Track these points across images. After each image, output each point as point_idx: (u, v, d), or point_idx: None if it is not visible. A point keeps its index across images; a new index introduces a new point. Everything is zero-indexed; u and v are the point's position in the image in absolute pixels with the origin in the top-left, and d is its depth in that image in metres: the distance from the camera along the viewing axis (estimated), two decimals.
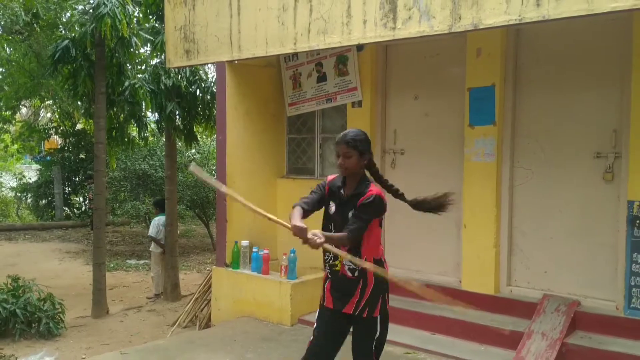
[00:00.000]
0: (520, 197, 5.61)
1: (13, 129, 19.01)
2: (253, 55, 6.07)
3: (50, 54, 7.33)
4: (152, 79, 7.83)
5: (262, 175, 6.99)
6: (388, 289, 3.47)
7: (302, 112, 6.94)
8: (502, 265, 5.66)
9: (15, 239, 14.06)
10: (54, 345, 6.21)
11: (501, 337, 5.10)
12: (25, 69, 13.44)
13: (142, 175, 11.94)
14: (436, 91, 6.13)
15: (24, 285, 6.68)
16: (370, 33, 5.16)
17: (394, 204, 6.28)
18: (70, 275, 9.94)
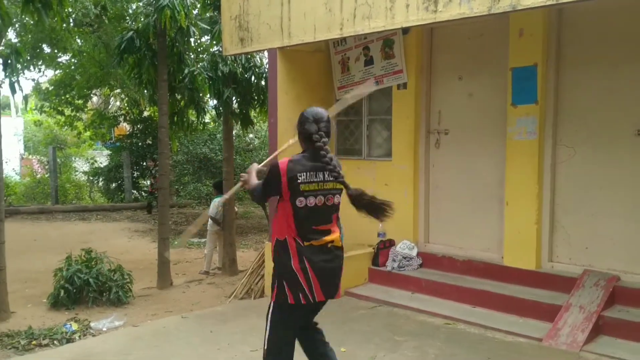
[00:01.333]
0: (562, 175, 5.70)
1: (85, 117, 20.16)
2: (302, 41, 6.36)
3: (117, 44, 7.89)
4: (210, 67, 8.27)
5: None
6: (286, 276, 3.16)
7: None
8: (543, 241, 5.78)
9: (88, 219, 15.06)
10: (123, 312, 6.79)
11: (539, 309, 5.26)
12: (95, 59, 14.31)
13: (203, 159, 12.53)
14: (480, 71, 6.26)
15: (96, 257, 7.30)
16: (412, 17, 5.34)
17: (440, 183, 6.52)
18: (138, 251, 10.65)
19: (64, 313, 6.75)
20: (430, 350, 4.76)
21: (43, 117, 21.12)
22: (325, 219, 3.22)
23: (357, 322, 5.49)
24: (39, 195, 18.36)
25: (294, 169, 3.12)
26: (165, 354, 4.75)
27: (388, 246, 6.60)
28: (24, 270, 8.86)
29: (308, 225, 3.15)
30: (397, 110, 6.77)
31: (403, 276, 6.31)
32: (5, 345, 5.66)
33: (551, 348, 4.75)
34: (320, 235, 3.18)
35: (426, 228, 6.74)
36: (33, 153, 24.59)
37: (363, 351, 4.73)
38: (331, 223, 3.25)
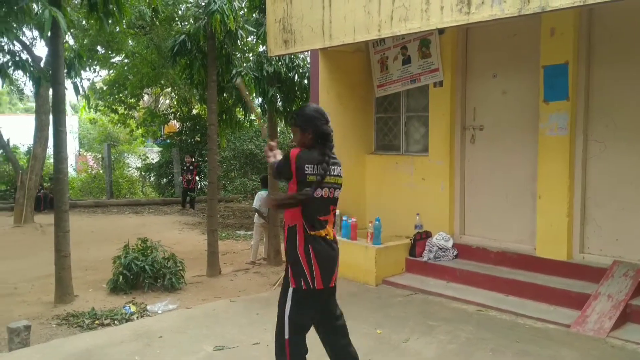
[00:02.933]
0: (593, 169, 5.88)
1: (137, 115, 21.07)
2: (342, 42, 6.70)
3: (170, 47, 8.42)
4: (256, 67, 8.72)
5: (352, 151, 7.69)
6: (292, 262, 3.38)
7: (389, 93, 7.53)
8: (574, 233, 5.97)
9: (141, 212, 15.84)
10: (176, 297, 7.31)
11: (569, 298, 5.48)
12: (148, 60, 15.03)
13: (249, 155, 13.05)
14: (513, 69, 6.47)
15: (151, 246, 7.86)
16: (446, 18, 5.62)
17: (475, 177, 6.77)
18: (189, 242, 11.24)
19: (122, 297, 7.32)
20: (461, 334, 5.05)
21: (97, 116, 22.14)
22: (326, 211, 3.40)
23: (393, 308, 5.82)
24: (95, 190, 19.35)
25: (303, 159, 3.29)
26: (216, 333, 5.20)
27: (424, 237, 6.89)
28: (84, 259, 9.54)
29: (314, 215, 3.33)
30: (433, 108, 7.05)
31: (438, 266, 6.60)
32: (72, 324, 6.24)
33: (578, 334, 4.97)
34: (321, 226, 3.36)
35: (462, 220, 7.00)
36: (88, 150, 25.79)
37: (397, 334, 5.06)
38: (329, 215, 3.41)
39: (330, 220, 3.46)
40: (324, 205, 3.39)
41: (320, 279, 3.33)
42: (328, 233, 3.40)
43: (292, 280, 3.34)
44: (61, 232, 6.99)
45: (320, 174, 3.30)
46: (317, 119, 3.42)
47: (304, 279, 3.31)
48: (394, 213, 7.34)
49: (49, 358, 4.62)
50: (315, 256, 3.31)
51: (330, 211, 3.44)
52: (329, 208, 3.42)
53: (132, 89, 16.62)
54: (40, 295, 7.42)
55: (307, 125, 3.39)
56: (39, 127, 12.97)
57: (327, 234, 3.39)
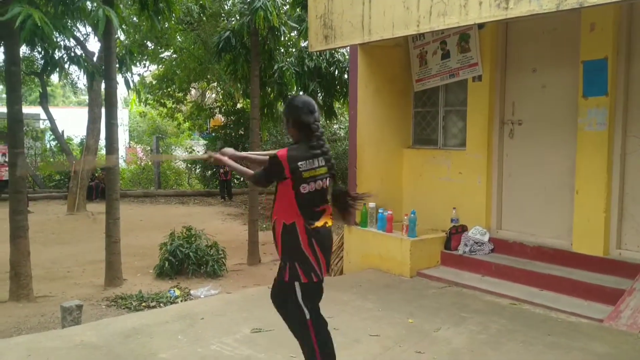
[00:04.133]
0: (631, 165, 5.83)
1: (184, 108, 21.64)
2: (381, 37, 6.81)
3: (215, 43, 8.72)
4: (297, 62, 8.94)
5: (390, 145, 7.81)
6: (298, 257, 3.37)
7: (427, 87, 7.60)
8: (612, 229, 5.94)
9: (186, 202, 16.36)
10: (218, 283, 7.63)
11: (604, 293, 5.47)
12: (195, 55, 15.46)
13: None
14: (553, 64, 6.46)
15: (195, 234, 8.20)
16: (485, 13, 5.66)
17: (512, 172, 6.79)
18: (231, 232, 11.60)
19: (168, 282, 7.69)
20: (493, 325, 5.13)
21: (147, 109, 22.85)
22: (323, 200, 3.44)
23: (427, 299, 5.94)
24: (144, 181, 20.02)
25: (295, 158, 3.31)
26: (254, 316, 5.44)
27: (460, 231, 6.96)
28: (132, 246, 10.00)
29: (310, 208, 3.36)
30: (472, 102, 7.10)
31: (474, 260, 6.66)
32: (120, 305, 6.63)
33: (611, 328, 4.98)
34: (320, 216, 3.40)
35: (498, 215, 7.03)
36: (137, 142, 26.62)
37: (429, 324, 5.18)
38: (327, 203, 3.46)
39: (328, 208, 3.47)
40: (319, 196, 3.43)
41: (325, 268, 3.46)
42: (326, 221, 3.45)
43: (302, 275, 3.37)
44: (112, 219, 7.39)
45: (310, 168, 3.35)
46: (300, 109, 3.42)
47: (314, 273, 3.40)
48: (430, 207, 7.42)
49: (98, 334, 4.95)
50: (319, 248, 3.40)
51: (327, 200, 3.49)
52: (325, 197, 3.48)
53: (180, 84, 17.13)
54: (91, 278, 7.87)
55: (289, 117, 3.44)
56: (92, 120, 13.56)
57: (325, 222, 3.43)
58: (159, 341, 4.82)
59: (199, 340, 4.82)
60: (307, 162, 3.36)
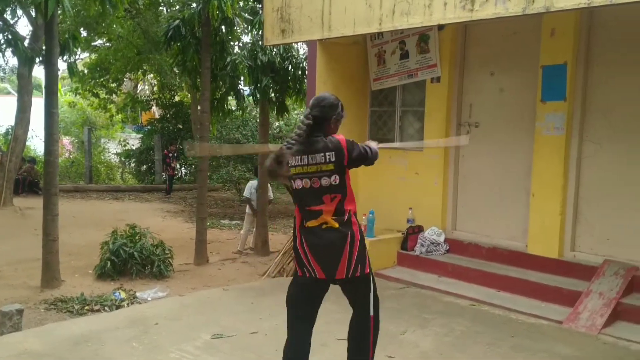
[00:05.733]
0: (587, 169, 5.98)
1: (117, 99, 20.74)
2: (342, 34, 6.67)
3: (164, 31, 8.30)
4: (250, 56, 8.66)
5: None
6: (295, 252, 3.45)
7: (385, 87, 7.54)
8: (566, 232, 6.08)
9: (121, 198, 15.63)
10: (165, 284, 7.25)
11: (561, 295, 5.58)
12: (133, 44, 14.79)
13: (236, 144, 12.98)
14: (511, 68, 6.54)
15: (140, 232, 7.77)
16: (449, 14, 5.63)
17: (469, 173, 6.83)
18: (173, 230, 11.14)
19: (110, 283, 7.23)
20: (457, 327, 5.11)
21: (77, 99, 21.74)
22: (315, 200, 3.26)
23: (388, 301, 5.82)
24: (73, 175, 19.00)
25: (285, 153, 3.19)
26: (212, 321, 5.17)
27: (417, 232, 6.95)
28: (66, 244, 9.33)
29: (303, 207, 3.30)
30: (430, 103, 7.09)
31: (430, 260, 6.66)
32: (61, 309, 6.15)
33: (571, 330, 5.08)
34: (314, 216, 3.26)
35: (454, 216, 7.07)
36: (65, 134, 25.29)
37: (394, 326, 5.09)
38: (323, 204, 3.26)
39: (326, 209, 3.26)
40: (309, 196, 3.28)
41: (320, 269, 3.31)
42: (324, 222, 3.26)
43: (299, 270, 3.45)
44: (50, 215, 6.87)
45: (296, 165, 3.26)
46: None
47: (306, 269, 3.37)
48: (387, 207, 7.36)
49: (43, 341, 4.55)
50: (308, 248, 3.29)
51: (324, 201, 3.27)
52: (319, 198, 3.27)
53: (115, 74, 16.34)
54: (25, 279, 7.29)
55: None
56: (21, 109, 12.67)
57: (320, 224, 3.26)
58: (111, 349, 4.48)
59: (156, 348, 4.52)
60: (294, 159, 3.23)
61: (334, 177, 3.25)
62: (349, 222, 3.30)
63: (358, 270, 3.32)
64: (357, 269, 3.32)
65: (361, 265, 3.32)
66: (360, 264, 3.32)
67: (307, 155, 3.25)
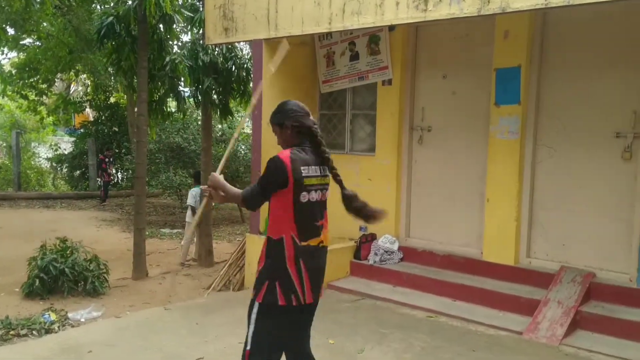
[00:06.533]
0: (541, 174, 5.88)
1: (48, 101, 19.61)
2: (289, 34, 6.34)
3: (96, 29, 7.71)
4: (190, 55, 8.19)
5: None
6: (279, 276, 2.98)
7: (335, 89, 7.25)
8: (522, 237, 5.96)
9: (53, 206, 14.70)
10: (100, 302, 6.69)
11: (518, 304, 5.44)
12: (65, 43, 13.93)
13: (176, 148, 12.40)
14: (464, 71, 6.38)
15: (72, 247, 7.16)
16: (402, 14, 5.41)
17: (422, 179, 6.63)
18: (109, 241, 10.48)
19: (39, 303, 6.61)
20: (415, 342, 4.86)
21: (4, 101, 20.43)
22: (321, 214, 3.11)
23: (342, 314, 5.55)
24: (0, 182, 17.82)
25: (297, 162, 2.94)
26: (153, 346, 4.71)
27: (370, 240, 6.69)
28: None
29: (309, 221, 3.02)
30: (381, 106, 6.85)
31: (384, 270, 6.41)
32: None
33: (532, 341, 4.91)
34: (318, 232, 3.06)
35: (407, 223, 6.85)
36: None
37: (351, 343, 4.80)
38: (324, 219, 3.13)
39: (325, 224, 3.14)
40: (318, 209, 3.07)
41: (310, 292, 3.03)
42: (323, 239, 3.10)
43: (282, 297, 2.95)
44: None
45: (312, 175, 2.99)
46: (297, 112, 3.09)
47: (294, 295, 2.97)
48: (338, 214, 7.02)
49: None
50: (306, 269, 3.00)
51: (324, 215, 3.14)
52: (323, 212, 3.13)
53: (46, 74, 15.36)
54: None
55: (288, 122, 3.06)
56: None
57: (320, 241, 3.08)
58: None
59: None
60: (309, 168, 3.00)
61: (327, 192, 3.16)
62: None
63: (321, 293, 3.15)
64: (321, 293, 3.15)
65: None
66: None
67: (319, 166, 3.05)
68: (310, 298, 3.04)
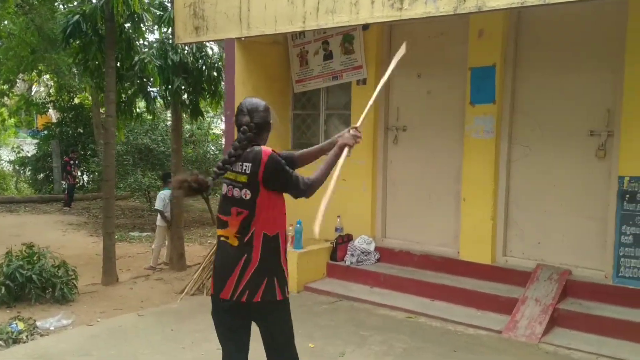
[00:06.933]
0: (517, 173, 5.91)
1: (9, 102, 19.04)
2: (262, 33, 6.25)
3: (62, 28, 7.45)
4: (159, 55, 7.99)
5: None
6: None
7: (308, 89, 7.17)
8: (498, 236, 5.98)
9: (16, 211, 14.23)
10: (69, 310, 6.46)
11: (497, 302, 5.45)
12: (27, 43, 13.51)
13: (144, 150, 12.12)
14: (438, 70, 6.37)
15: (39, 253, 6.90)
16: (377, 13, 5.37)
17: (397, 179, 6.60)
18: (76, 245, 10.17)
19: (5, 311, 6.34)
20: (397, 344, 4.82)
21: None
22: (226, 210, 3.04)
23: (321, 317, 5.48)
24: None
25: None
26: (127, 354, 4.56)
27: (346, 241, 6.64)
28: None
29: (218, 213, 3.07)
30: (356, 106, 6.80)
31: (361, 270, 6.36)
32: None
33: (511, 340, 4.93)
34: (223, 226, 3.04)
35: (383, 223, 6.82)
36: None
37: (331, 346, 4.73)
38: (229, 216, 3.01)
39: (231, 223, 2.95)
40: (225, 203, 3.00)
41: (212, 285, 3.05)
42: (226, 235, 2.96)
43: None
44: None
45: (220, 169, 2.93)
46: (239, 111, 3.13)
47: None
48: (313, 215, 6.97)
49: None
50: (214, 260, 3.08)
51: (230, 213, 2.96)
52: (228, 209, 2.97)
53: (7, 74, 14.88)
54: None
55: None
56: None
57: (223, 236, 2.98)
58: None
59: None
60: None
61: (244, 191, 2.93)
62: (249, 244, 2.92)
63: (245, 295, 2.92)
64: (244, 294, 2.92)
65: (250, 292, 2.92)
66: (249, 290, 2.92)
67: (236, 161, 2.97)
68: (212, 290, 3.06)
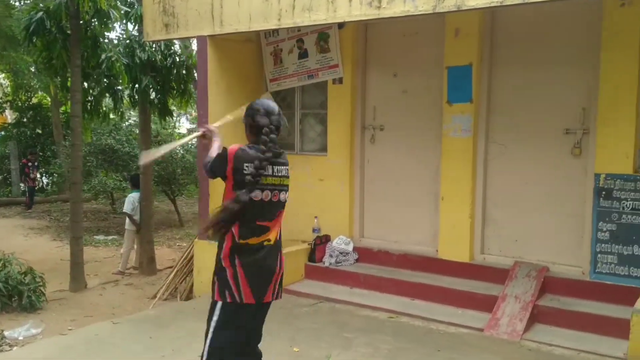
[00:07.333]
0: (494, 171, 5.95)
1: None
2: (235, 30, 6.11)
3: (24, 26, 7.15)
4: (127, 53, 7.77)
5: None
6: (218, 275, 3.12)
7: (283, 88, 7.06)
8: (476, 234, 6.01)
9: None
10: (38, 318, 6.22)
11: (476, 300, 5.48)
12: None
13: (108, 151, 11.80)
14: (415, 69, 6.36)
15: (4, 259, 6.64)
16: (355, 11, 5.31)
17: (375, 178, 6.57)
18: (39, 250, 9.82)
19: None
20: (381, 345, 4.78)
21: None
22: (269, 215, 3.10)
23: (302, 320, 5.40)
24: None
25: (241, 158, 2.99)
26: None
27: (324, 242, 6.57)
28: None
29: (250, 220, 3.02)
30: (332, 105, 6.74)
31: (340, 271, 6.31)
32: None
33: (493, 337, 4.95)
34: (260, 232, 3.06)
35: (361, 223, 6.78)
36: None
37: (316, 350, 4.65)
38: (273, 220, 3.12)
39: (274, 226, 3.12)
40: (266, 209, 3.08)
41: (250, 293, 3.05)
42: (267, 239, 3.08)
43: (217, 293, 3.08)
44: None
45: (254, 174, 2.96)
46: (257, 111, 3.15)
47: (229, 292, 3.04)
48: (290, 216, 6.80)
49: None
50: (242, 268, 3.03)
51: (276, 216, 3.14)
52: (273, 212, 3.12)
53: None
54: None
55: (247, 121, 3.21)
56: None
57: (263, 240, 3.07)
58: None
59: None
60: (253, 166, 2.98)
61: (287, 194, 3.20)
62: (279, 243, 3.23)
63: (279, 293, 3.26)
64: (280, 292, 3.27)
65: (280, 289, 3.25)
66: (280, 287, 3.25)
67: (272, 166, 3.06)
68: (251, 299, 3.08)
